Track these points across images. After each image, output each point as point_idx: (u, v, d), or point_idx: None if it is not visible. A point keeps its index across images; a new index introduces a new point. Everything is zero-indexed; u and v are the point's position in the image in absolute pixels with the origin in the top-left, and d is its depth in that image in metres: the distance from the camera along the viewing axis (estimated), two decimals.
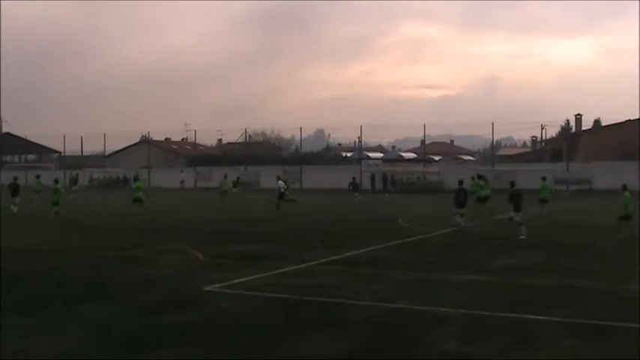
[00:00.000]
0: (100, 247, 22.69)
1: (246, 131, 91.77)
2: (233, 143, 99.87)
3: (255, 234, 26.83)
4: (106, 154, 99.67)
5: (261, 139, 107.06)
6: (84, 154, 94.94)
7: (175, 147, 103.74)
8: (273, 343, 10.55)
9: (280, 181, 41.17)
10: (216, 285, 15.27)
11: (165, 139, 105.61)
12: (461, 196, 28.66)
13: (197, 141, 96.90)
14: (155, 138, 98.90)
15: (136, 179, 39.80)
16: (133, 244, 23.38)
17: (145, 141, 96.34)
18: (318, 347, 10.31)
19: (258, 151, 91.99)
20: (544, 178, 34.06)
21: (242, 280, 16.01)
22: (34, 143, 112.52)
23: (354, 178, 56.34)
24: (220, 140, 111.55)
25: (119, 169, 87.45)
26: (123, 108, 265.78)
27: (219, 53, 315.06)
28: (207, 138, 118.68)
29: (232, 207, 42.69)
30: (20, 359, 9.76)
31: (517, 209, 25.47)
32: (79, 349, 10.26)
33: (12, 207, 38.24)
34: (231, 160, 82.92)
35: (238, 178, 61.59)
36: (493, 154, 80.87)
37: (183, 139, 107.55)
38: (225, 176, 49.10)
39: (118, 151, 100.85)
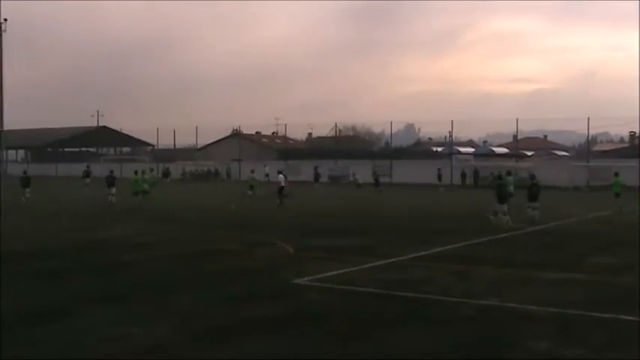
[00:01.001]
0: (191, 239, 23.27)
1: (336, 125, 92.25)
2: (323, 137, 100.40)
3: (343, 228, 26.97)
4: (198, 147, 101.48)
5: (351, 133, 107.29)
6: (176, 147, 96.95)
7: (266, 140, 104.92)
8: (362, 337, 10.63)
9: (280, 175, 41.54)
10: (306, 278, 15.46)
11: (256, 132, 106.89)
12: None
13: (287, 135, 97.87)
14: (246, 132, 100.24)
15: (143, 173, 41.02)
16: (223, 237, 23.85)
17: (236, 134, 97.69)
18: (406, 343, 10.34)
19: (348, 146, 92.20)
20: (616, 174, 37.18)
21: (331, 273, 16.15)
22: (129, 136, 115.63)
23: (374, 172, 59.56)
24: (310, 134, 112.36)
25: (211, 162, 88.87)
26: (215, 102, 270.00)
27: (310, 47, 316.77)
28: (298, 132, 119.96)
29: (321, 200, 42.99)
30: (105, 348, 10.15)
31: (532, 199, 29.25)
32: (168, 338, 10.48)
33: (110, 197, 39.88)
34: (321, 153, 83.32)
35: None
36: (588, 149, 78.99)
37: (273, 133, 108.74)
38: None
39: (209, 145, 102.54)
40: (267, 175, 75.77)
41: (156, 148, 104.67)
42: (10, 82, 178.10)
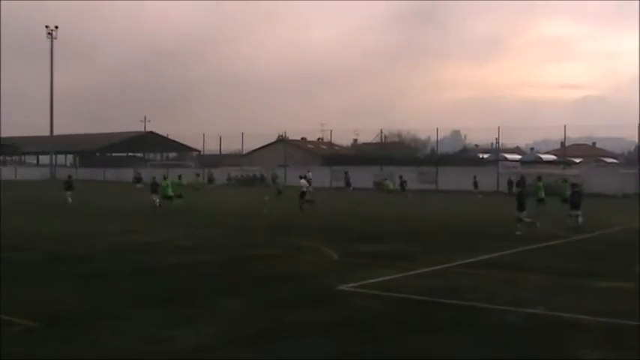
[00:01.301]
0: (236, 244, 23.37)
1: (381, 131, 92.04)
2: (368, 143, 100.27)
3: (388, 234, 26.90)
4: (244, 152, 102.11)
5: (396, 139, 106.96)
6: (222, 152, 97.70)
7: (311, 146, 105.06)
8: (406, 344, 10.55)
9: (302, 180, 41.48)
10: (350, 284, 15.40)
11: (302, 138, 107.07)
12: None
13: (332, 140, 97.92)
14: (291, 137, 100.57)
15: (165, 178, 42.48)
16: (267, 242, 23.93)
17: (282, 140, 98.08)
18: (451, 350, 10.24)
19: (393, 152, 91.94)
20: None
21: (376, 280, 16.07)
22: (175, 142, 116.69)
23: (400, 177, 60.23)
24: (356, 140, 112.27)
25: (256, 167, 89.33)
26: (260, 108, 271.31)
27: (356, 52, 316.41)
28: (343, 138, 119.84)
29: (366, 206, 42.93)
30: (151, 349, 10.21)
31: (575, 207, 29.30)
32: (213, 341, 10.51)
33: (155, 201, 40.90)
34: (366, 160, 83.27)
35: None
36: (638, 156, 77.65)
37: (318, 139, 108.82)
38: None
39: (255, 150, 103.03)
40: (309, 180, 75.83)
41: (202, 153, 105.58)
42: (60, 88, 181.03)
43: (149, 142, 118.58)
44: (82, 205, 41.63)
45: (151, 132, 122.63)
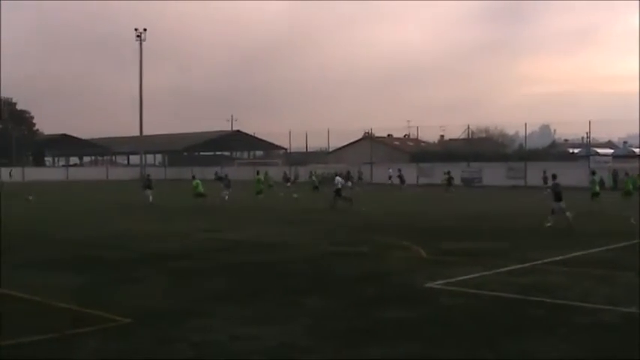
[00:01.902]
0: (322, 241, 23.44)
1: (468, 127, 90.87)
2: (455, 139, 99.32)
3: (475, 231, 26.59)
4: (330, 150, 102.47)
5: (484, 135, 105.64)
6: (308, 150, 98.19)
7: (397, 143, 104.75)
8: (495, 342, 10.39)
9: (338, 177, 41.06)
10: (438, 282, 15.29)
11: (388, 135, 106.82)
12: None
13: (419, 137, 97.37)
14: (377, 134, 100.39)
15: (193, 178, 45.71)
16: (354, 239, 23.95)
17: (368, 137, 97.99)
18: (543, 349, 10.06)
19: (480, 148, 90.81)
20: None
21: (465, 277, 15.91)
22: (262, 140, 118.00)
23: (447, 172, 60.91)
24: (442, 136, 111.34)
25: (342, 164, 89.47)
26: (346, 105, 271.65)
27: (441, 48, 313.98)
28: (429, 134, 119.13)
29: (451, 203, 42.55)
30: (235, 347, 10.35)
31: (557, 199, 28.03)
32: (300, 339, 10.54)
33: (225, 197, 43.38)
34: (453, 156, 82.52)
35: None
36: None
37: (405, 136, 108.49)
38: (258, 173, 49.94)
39: (340, 148, 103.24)
40: (390, 177, 75.58)
41: (288, 151, 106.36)
42: (149, 89, 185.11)
43: (236, 140, 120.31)
44: (165, 204, 42.51)
45: (238, 131, 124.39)
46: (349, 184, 55.70)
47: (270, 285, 15.30)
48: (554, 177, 29.86)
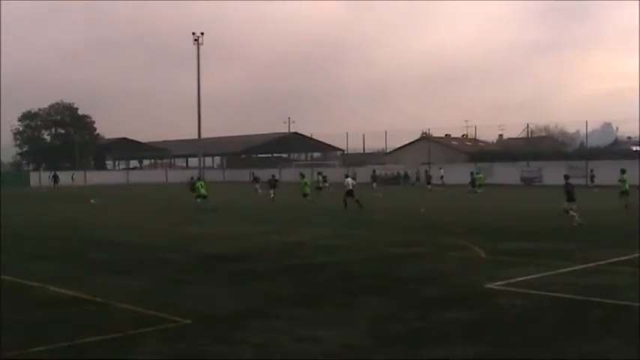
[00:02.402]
0: (382, 242, 23.43)
1: (528, 126, 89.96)
2: (514, 139, 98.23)
3: (535, 230, 26.29)
4: (387, 151, 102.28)
5: (543, 133, 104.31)
6: (366, 151, 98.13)
7: (455, 143, 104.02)
8: (556, 344, 10.28)
9: (348, 178, 40.64)
10: (498, 282, 15.17)
11: (445, 135, 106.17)
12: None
13: (477, 137, 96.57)
14: (435, 135, 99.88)
15: (199, 179, 47.66)
16: (413, 240, 23.88)
17: (425, 138, 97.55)
18: (606, 352, 9.91)
19: (540, 147, 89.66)
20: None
21: (525, 278, 15.74)
22: (319, 142, 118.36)
23: (472, 173, 59.71)
24: (501, 136, 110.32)
25: (400, 165, 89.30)
26: (404, 105, 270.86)
27: (499, 46, 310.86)
28: (488, 134, 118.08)
29: (511, 203, 42.11)
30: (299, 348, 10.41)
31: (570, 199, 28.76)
32: (360, 341, 10.54)
33: (271, 196, 46.50)
34: (512, 155, 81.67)
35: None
36: None
37: (463, 135, 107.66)
38: (303, 176, 48.53)
39: (398, 148, 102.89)
40: (442, 177, 75.15)
41: (345, 152, 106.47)
42: (207, 92, 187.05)
43: (294, 142, 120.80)
44: (222, 206, 42.91)
45: (296, 132, 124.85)
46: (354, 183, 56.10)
47: (331, 286, 15.36)
48: (566, 177, 30.33)
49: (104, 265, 18.83)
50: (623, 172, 37.28)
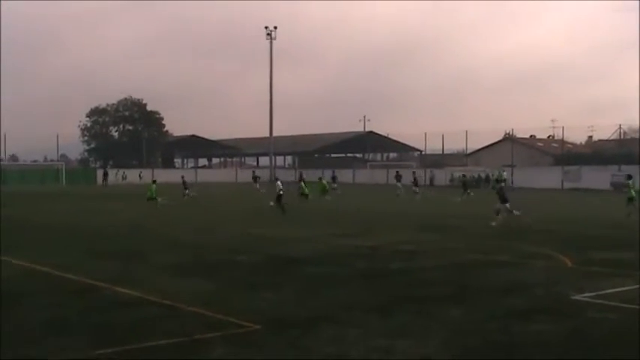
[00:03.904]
0: (460, 249, 23.25)
1: (620, 127, 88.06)
2: (605, 140, 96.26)
3: (627, 240, 25.67)
4: (467, 152, 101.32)
5: (637, 135, 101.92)
6: (445, 152, 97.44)
7: (541, 144, 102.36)
8: None
9: (278, 182, 40.61)
10: (586, 294, 14.88)
11: (530, 136, 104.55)
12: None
13: (564, 138, 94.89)
14: (519, 135, 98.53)
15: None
16: (493, 247, 23.65)
17: (508, 138, 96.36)
18: None
19: (634, 149, 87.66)
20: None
21: (615, 290, 15.42)
22: (396, 141, 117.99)
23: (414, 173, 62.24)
24: (590, 137, 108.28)
25: (481, 167, 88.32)
26: (485, 105, 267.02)
27: (589, 44, 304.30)
28: (576, 135, 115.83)
29: (599, 209, 41.29)
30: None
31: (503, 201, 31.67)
32: (438, 353, 10.50)
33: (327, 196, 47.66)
34: (602, 159, 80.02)
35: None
36: None
37: (549, 137, 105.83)
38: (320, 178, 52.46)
39: (479, 150, 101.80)
40: (504, 180, 73.83)
41: (423, 153, 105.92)
42: (279, 89, 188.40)
43: (369, 142, 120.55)
44: (294, 207, 43.14)
45: (371, 132, 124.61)
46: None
47: (407, 294, 15.28)
48: (497, 181, 31.86)
49: (172, 267, 19.13)
50: (629, 178, 38.17)
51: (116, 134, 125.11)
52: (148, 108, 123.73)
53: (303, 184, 47.65)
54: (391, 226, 32.13)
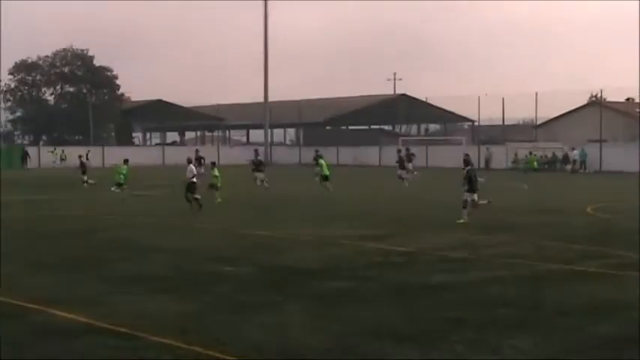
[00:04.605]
0: (530, 255, 23.28)
1: None
2: None
3: None
4: (538, 122, 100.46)
5: None
6: (506, 122, 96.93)
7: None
8: None
9: (191, 165, 39.97)
10: None
11: (627, 99, 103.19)
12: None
13: None
14: (609, 99, 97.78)
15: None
16: (577, 254, 23.71)
17: (595, 103, 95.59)
18: None
19: None
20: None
21: None
22: (438, 108, 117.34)
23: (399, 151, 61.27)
24: None
25: (557, 143, 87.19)
26: (562, 60, 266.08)
27: None
28: None
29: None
30: None
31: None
32: None
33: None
34: None
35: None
36: None
37: None
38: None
39: (554, 119, 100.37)
40: (574, 161, 73.71)
41: (476, 124, 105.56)
42: (276, 36, 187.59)
43: (401, 108, 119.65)
44: (296, 199, 43.22)
45: (404, 94, 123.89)
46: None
47: (456, 317, 15.26)
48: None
49: (134, 280, 19.19)
50: None
51: (51, 98, 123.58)
52: (96, 62, 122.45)
53: (322, 161, 48.01)
54: (433, 223, 32.21)
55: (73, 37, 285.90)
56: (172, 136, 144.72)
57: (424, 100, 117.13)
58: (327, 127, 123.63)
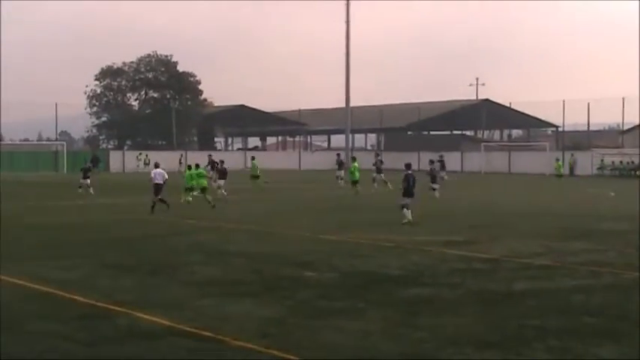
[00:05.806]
0: (620, 264, 23.00)
1: None
2: None
3: None
4: (624, 128, 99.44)
5: None
6: (591, 128, 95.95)
7: None
8: None
9: (158, 169, 39.65)
10: None
11: None
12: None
13: None
14: None
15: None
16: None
17: None
18: None
19: None
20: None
21: None
22: (521, 113, 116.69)
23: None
24: None
25: None
26: None
27: None
28: None
29: None
30: None
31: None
32: None
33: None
34: None
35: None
36: None
37: None
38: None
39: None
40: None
41: (560, 129, 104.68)
42: (357, 43, 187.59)
43: (483, 114, 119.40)
44: (375, 205, 43.15)
45: (487, 100, 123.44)
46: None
47: (540, 325, 15.11)
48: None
49: (215, 284, 19.28)
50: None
51: (136, 104, 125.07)
52: (180, 68, 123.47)
53: (355, 164, 50.27)
54: (516, 230, 31.98)
55: (158, 39, 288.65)
56: (254, 141, 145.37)
57: (508, 105, 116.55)
58: (409, 132, 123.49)
